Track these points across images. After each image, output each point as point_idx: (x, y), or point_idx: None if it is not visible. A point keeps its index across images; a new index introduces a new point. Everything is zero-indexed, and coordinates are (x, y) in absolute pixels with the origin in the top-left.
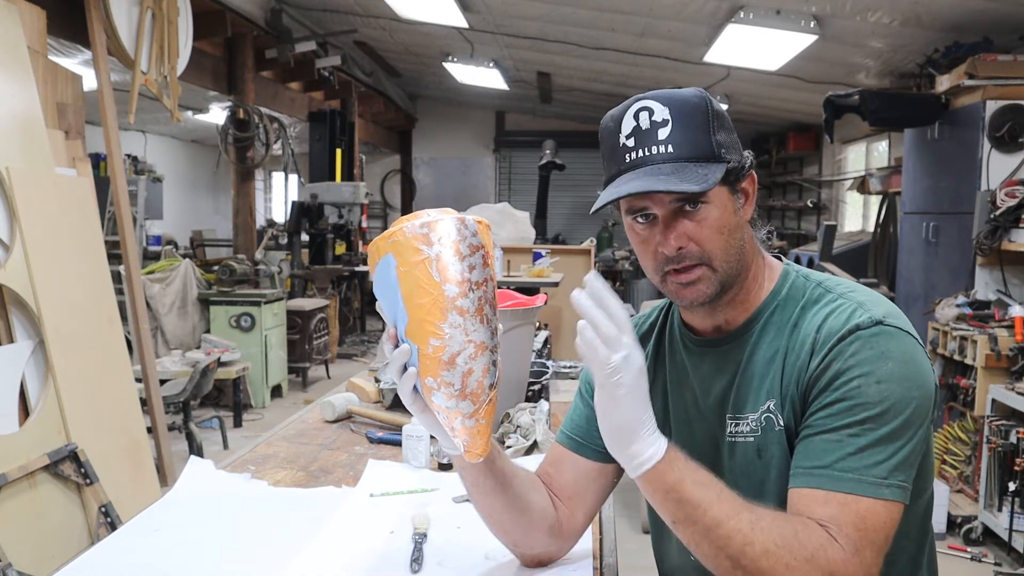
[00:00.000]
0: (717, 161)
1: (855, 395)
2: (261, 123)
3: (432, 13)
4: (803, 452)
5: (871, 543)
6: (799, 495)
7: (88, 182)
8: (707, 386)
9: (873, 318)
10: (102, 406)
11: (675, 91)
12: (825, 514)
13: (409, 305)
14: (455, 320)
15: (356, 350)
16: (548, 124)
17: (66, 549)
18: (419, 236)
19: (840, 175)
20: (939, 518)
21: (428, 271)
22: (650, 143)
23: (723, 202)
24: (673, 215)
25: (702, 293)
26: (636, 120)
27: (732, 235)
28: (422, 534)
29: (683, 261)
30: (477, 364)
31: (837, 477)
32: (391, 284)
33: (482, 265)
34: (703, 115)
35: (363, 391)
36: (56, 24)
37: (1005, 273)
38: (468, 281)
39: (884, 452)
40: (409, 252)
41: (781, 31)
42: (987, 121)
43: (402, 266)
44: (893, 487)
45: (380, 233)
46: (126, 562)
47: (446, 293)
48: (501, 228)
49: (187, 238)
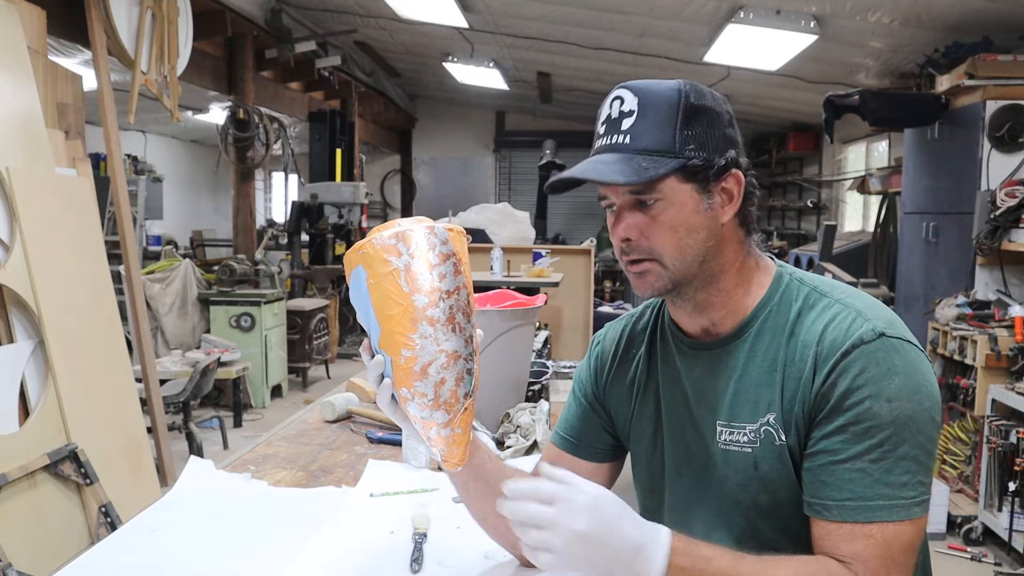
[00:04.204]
0: (674, 156)
1: (868, 417)
2: (261, 123)
3: (432, 13)
4: (828, 483)
5: (896, 567)
6: (826, 530)
7: (88, 182)
8: (700, 390)
9: (876, 330)
10: (102, 406)
11: (653, 82)
12: (851, 550)
13: (380, 316)
14: (425, 330)
15: (356, 350)
16: (548, 124)
17: (66, 549)
18: (388, 247)
19: (840, 175)
20: (939, 518)
21: (397, 282)
22: (615, 132)
23: (682, 200)
24: (629, 207)
25: (651, 286)
26: (610, 108)
27: (689, 235)
28: (422, 534)
29: (631, 254)
30: (449, 373)
31: (870, 507)
32: (363, 295)
33: (453, 273)
34: (671, 108)
35: (363, 391)
36: (56, 24)
37: (1005, 273)
38: (438, 290)
39: (908, 471)
40: (378, 263)
41: (781, 31)
42: (987, 121)
43: (372, 278)
44: (922, 503)
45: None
46: (126, 562)
47: (415, 303)
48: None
49: (187, 238)
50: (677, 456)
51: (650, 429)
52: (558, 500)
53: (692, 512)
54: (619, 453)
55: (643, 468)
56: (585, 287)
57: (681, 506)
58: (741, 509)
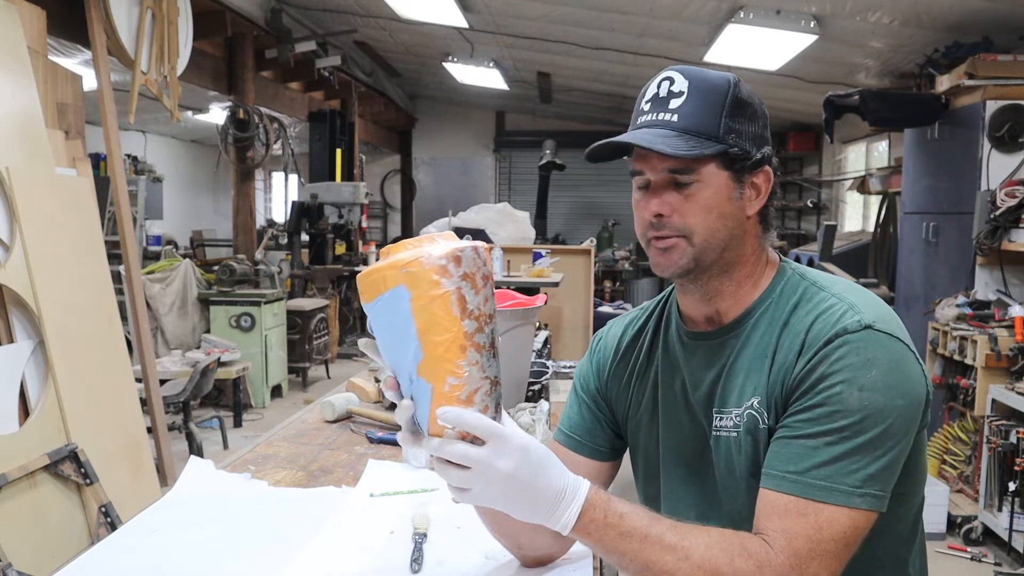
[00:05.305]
0: (716, 141)
1: (835, 401)
2: (261, 123)
3: (432, 13)
4: (778, 453)
5: (824, 553)
6: (766, 497)
7: (88, 182)
8: (697, 379)
9: (863, 322)
10: (102, 406)
11: (704, 70)
12: (781, 525)
13: (425, 341)
14: (473, 357)
15: (356, 350)
16: (548, 124)
17: (66, 549)
18: (439, 268)
19: (840, 175)
20: (939, 518)
21: (447, 305)
22: (661, 110)
23: (718, 185)
24: (664, 184)
25: (674, 262)
26: (658, 88)
27: (720, 219)
28: (422, 534)
29: (662, 229)
30: (491, 400)
31: (809, 484)
32: (402, 319)
33: (492, 296)
34: (720, 96)
35: (363, 391)
36: (56, 24)
37: (1005, 273)
38: (484, 315)
39: (860, 461)
40: (426, 285)
41: (781, 31)
42: (987, 121)
43: (418, 299)
44: (867, 496)
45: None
46: (126, 562)
47: (465, 329)
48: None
49: (187, 238)
50: (673, 444)
51: (647, 418)
52: (492, 438)
53: (687, 499)
54: (619, 452)
55: (641, 456)
56: (585, 287)
57: (677, 493)
58: (732, 494)
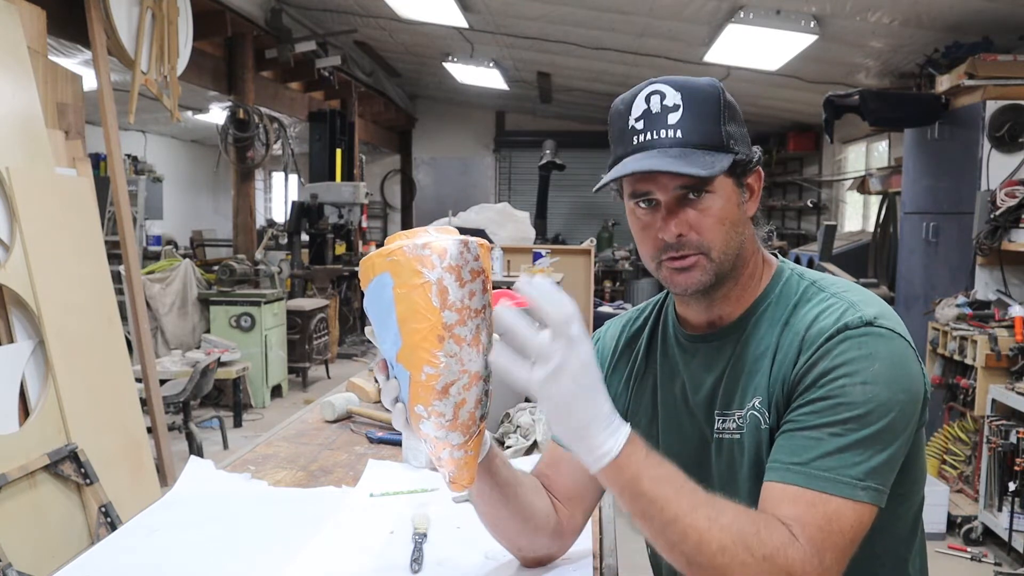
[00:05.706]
0: (725, 151)
1: (839, 394)
2: (261, 123)
3: (432, 13)
4: (783, 447)
5: (834, 545)
6: (771, 489)
7: (88, 182)
8: (697, 382)
9: (863, 318)
10: (102, 406)
11: (688, 78)
12: (792, 513)
13: (404, 329)
14: (451, 348)
15: (356, 350)
16: (548, 124)
17: (66, 549)
18: (421, 258)
19: (840, 175)
20: (939, 518)
21: (427, 295)
22: (659, 127)
23: (728, 194)
24: (676, 202)
25: (696, 280)
26: (647, 103)
27: (734, 228)
28: (422, 534)
29: (681, 249)
30: (470, 395)
31: (813, 475)
32: (385, 305)
33: (481, 292)
34: (715, 104)
35: (363, 391)
36: (56, 24)
37: (1005, 273)
38: (467, 308)
39: (864, 454)
40: (408, 274)
41: (781, 31)
42: (987, 121)
43: (399, 287)
44: (869, 490)
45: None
46: (126, 562)
47: (444, 320)
48: (501, 228)
49: (187, 238)
50: (673, 447)
51: (645, 420)
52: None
53: None
54: None
55: None
56: (585, 287)
57: None
58: (732, 497)
